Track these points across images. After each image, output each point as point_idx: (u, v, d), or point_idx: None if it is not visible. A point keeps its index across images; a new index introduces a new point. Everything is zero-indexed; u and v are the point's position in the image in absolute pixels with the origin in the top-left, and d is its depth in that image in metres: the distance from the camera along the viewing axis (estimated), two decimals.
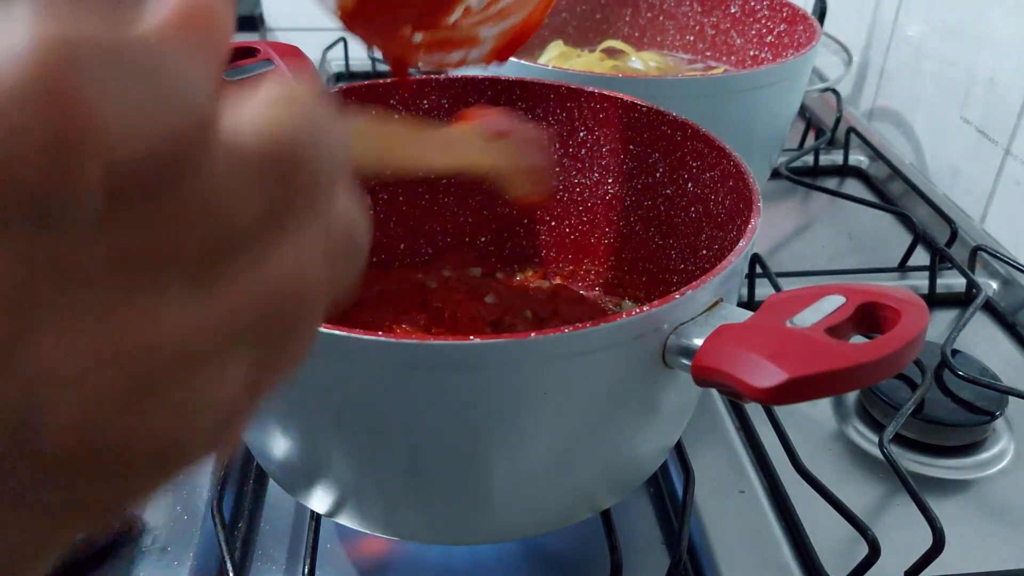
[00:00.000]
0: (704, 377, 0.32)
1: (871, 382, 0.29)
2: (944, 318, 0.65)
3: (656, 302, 0.32)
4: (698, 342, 0.32)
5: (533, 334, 0.31)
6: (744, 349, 0.30)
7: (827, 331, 0.30)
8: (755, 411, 0.54)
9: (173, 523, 0.46)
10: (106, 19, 0.13)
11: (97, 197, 0.13)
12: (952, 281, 0.68)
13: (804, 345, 0.29)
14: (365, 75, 1.00)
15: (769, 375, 0.28)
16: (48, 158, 0.13)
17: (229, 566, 0.42)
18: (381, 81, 0.51)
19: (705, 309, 0.34)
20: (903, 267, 0.71)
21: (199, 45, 0.15)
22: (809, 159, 0.86)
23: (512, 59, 0.60)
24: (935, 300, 0.66)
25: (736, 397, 0.31)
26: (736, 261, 0.35)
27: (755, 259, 0.65)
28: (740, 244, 0.36)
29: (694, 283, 0.33)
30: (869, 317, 0.32)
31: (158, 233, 0.14)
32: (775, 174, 0.77)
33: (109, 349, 0.14)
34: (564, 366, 0.32)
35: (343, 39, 0.99)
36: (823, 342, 0.29)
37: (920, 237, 0.71)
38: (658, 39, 0.84)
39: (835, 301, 0.32)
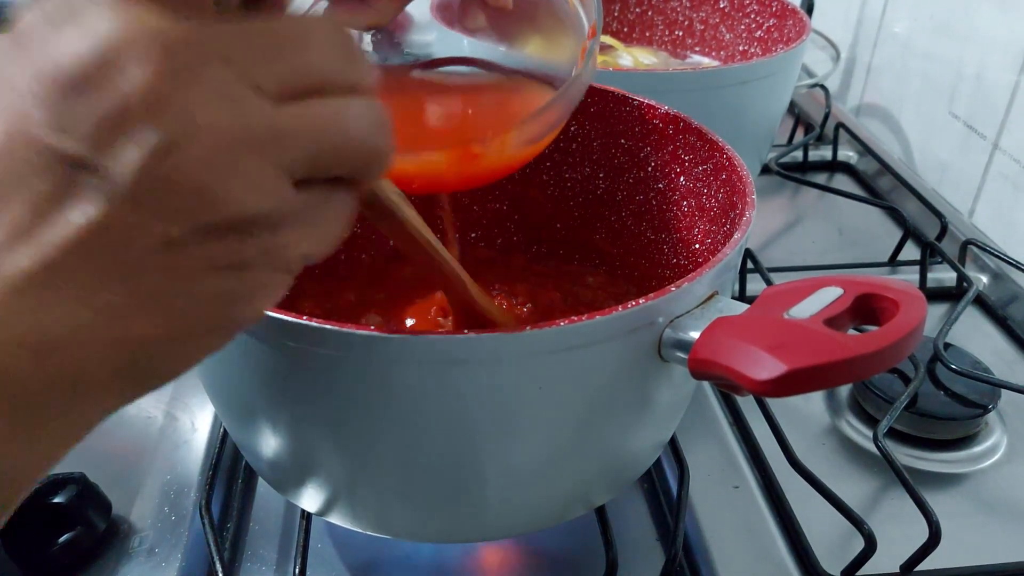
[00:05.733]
0: (701, 370, 0.31)
1: (870, 374, 0.29)
2: (935, 312, 0.65)
3: (651, 295, 0.32)
4: (694, 335, 0.32)
5: (527, 327, 0.30)
6: (742, 341, 0.29)
7: (825, 323, 0.30)
8: (749, 406, 0.54)
9: (161, 524, 0.45)
10: None
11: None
12: (943, 275, 0.68)
13: (803, 337, 0.29)
14: None
15: (768, 367, 0.28)
16: None
17: (218, 567, 0.42)
18: None
19: (701, 302, 0.34)
20: (894, 262, 0.71)
21: None
22: (798, 155, 0.86)
23: None
24: (926, 294, 0.66)
25: (734, 390, 0.30)
26: (731, 254, 0.35)
27: (746, 254, 0.64)
28: (735, 236, 0.36)
29: (690, 275, 0.33)
30: (867, 309, 0.31)
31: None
32: (765, 170, 0.77)
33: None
34: (558, 360, 0.32)
35: None
36: (822, 333, 0.29)
37: (910, 232, 0.71)
38: (647, 34, 0.83)
39: (832, 293, 0.31)
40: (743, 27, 0.77)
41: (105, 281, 0.20)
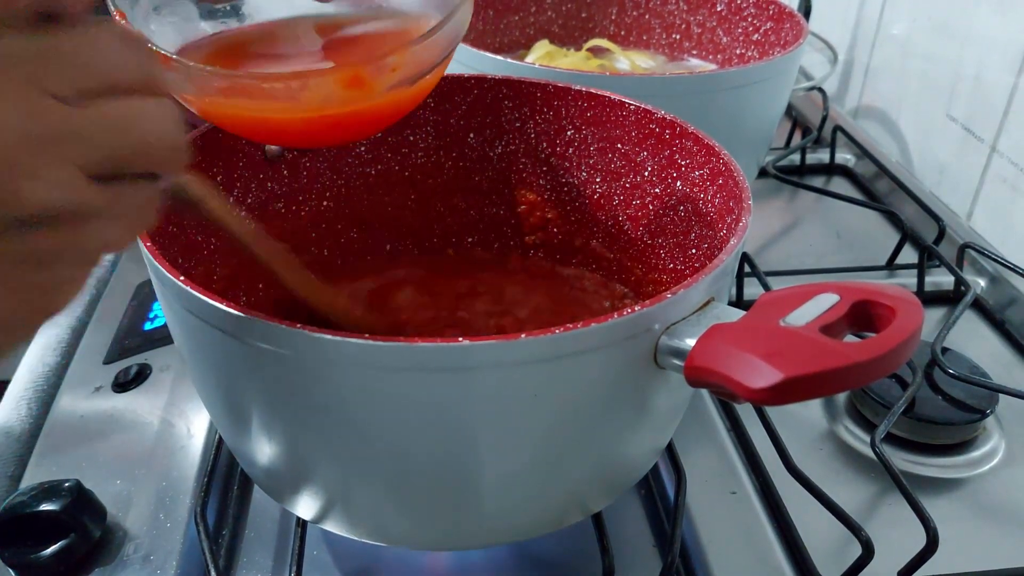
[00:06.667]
0: (697, 378, 0.31)
1: (867, 381, 0.29)
2: (933, 316, 0.65)
3: (647, 302, 0.32)
4: (690, 342, 0.32)
5: (523, 335, 0.30)
6: (738, 349, 0.29)
7: (821, 330, 0.30)
8: (746, 412, 0.54)
9: (156, 531, 0.45)
10: None
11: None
12: (940, 279, 0.68)
13: (799, 344, 0.29)
14: None
15: (764, 375, 0.28)
16: None
17: (213, 574, 0.42)
18: None
19: (697, 308, 0.33)
20: (891, 265, 0.71)
21: None
22: (796, 158, 0.86)
23: (499, 58, 0.60)
24: (924, 298, 0.66)
25: (730, 398, 0.30)
26: (728, 260, 0.35)
27: (744, 258, 0.64)
28: (731, 242, 0.36)
29: (686, 282, 0.33)
30: (863, 315, 0.31)
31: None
32: (762, 173, 0.76)
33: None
34: (554, 367, 0.31)
35: None
36: (818, 341, 0.29)
37: (908, 235, 0.71)
38: (644, 38, 0.83)
39: (829, 299, 0.31)
40: (740, 30, 0.77)
41: None
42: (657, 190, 0.48)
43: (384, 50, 0.34)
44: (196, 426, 0.51)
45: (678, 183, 0.47)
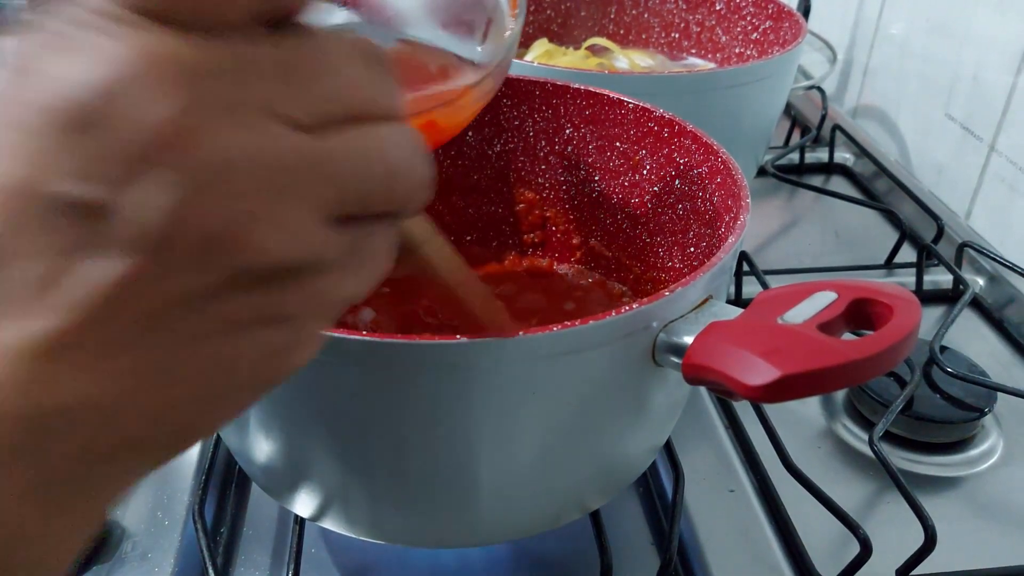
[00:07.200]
0: (695, 375, 0.31)
1: (865, 379, 0.29)
2: (932, 315, 0.65)
3: (645, 300, 0.32)
4: (688, 340, 0.32)
5: (520, 333, 0.30)
6: (735, 346, 0.29)
7: (819, 327, 0.30)
8: (744, 409, 0.54)
9: (154, 529, 0.45)
10: None
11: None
12: (939, 278, 0.68)
13: (796, 342, 0.29)
14: None
15: (761, 372, 0.28)
16: None
17: (211, 572, 0.42)
18: None
19: (695, 306, 0.33)
20: (890, 264, 0.71)
21: None
22: (795, 156, 0.86)
23: None
24: (922, 297, 0.66)
25: (728, 395, 0.30)
26: (725, 258, 0.35)
27: (742, 257, 0.64)
28: (729, 241, 0.36)
29: (683, 280, 0.33)
30: (861, 313, 0.31)
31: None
32: (761, 172, 0.76)
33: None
34: (552, 365, 0.32)
35: None
36: (816, 339, 0.29)
37: (906, 234, 0.71)
38: (643, 36, 0.83)
39: (826, 297, 0.31)
40: (739, 29, 0.77)
41: (126, 344, 0.18)
42: (656, 188, 0.48)
43: (454, 92, 0.35)
44: None
45: (677, 181, 0.47)
